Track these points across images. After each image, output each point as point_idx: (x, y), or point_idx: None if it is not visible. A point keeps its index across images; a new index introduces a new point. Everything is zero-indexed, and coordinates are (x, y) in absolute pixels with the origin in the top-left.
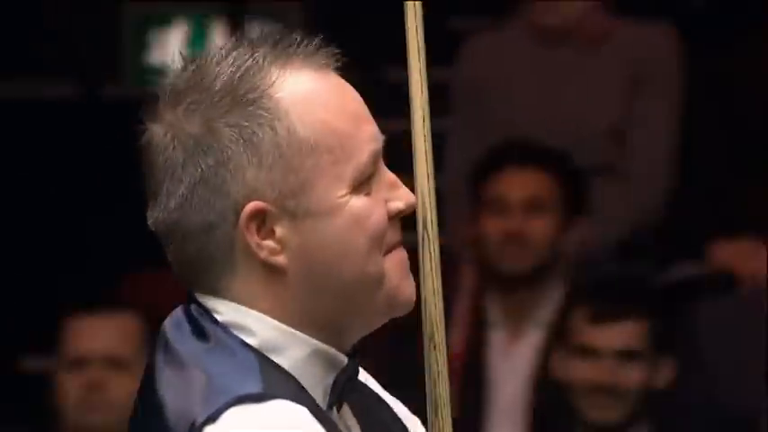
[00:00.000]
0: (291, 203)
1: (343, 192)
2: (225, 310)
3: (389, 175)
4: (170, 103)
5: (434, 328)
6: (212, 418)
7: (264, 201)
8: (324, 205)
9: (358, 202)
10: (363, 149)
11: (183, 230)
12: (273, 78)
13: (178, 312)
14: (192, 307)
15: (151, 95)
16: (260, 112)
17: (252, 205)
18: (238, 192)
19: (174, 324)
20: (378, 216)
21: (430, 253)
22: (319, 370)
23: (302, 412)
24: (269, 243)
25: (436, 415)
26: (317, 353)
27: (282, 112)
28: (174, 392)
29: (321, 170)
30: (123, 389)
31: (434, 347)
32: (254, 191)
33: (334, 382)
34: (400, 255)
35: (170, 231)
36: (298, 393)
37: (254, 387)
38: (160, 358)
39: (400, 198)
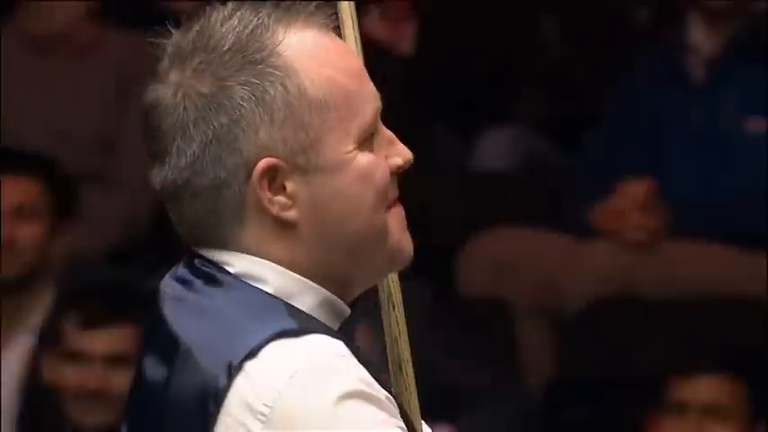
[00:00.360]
0: (302, 159)
1: (350, 147)
2: (236, 262)
3: (387, 133)
4: (176, 65)
5: (392, 289)
6: (253, 354)
7: (276, 157)
8: (332, 161)
9: (364, 158)
10: (367, 107)
11: (193, 189)
12: (280, 37)
13: (179, 270)
14: (197, 262)
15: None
16: (270, 70)
17: (264, 161)
18: (250, 149)
19: (178, 281)
20: (382, 171)
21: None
22: (329, 319)
23: (339, 345)
24: (280, 198)
25: (400, 370)
26: (325, 302)
27: (292, 69)
28: (199, 338)
29: (329, 126)
30: None
31: (393, 308)
32: (266, 147)
33: (338, 330)
34: (400, 210)
35: (179, 190)
36: (327, 330)
37: (289, 324)
38: (173, 313)
39: (399, 154)
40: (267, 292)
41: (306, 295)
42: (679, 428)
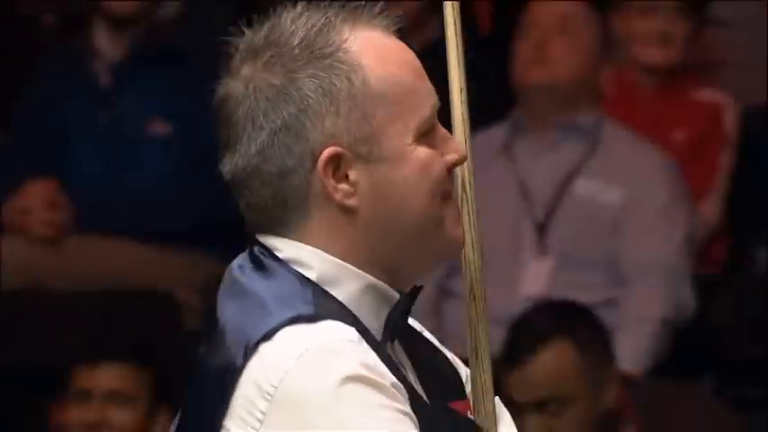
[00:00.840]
0: (364, 149)
1: (410, 140)
2: (284, 247)
3: (443, 130)
4: (248, 59)
5: (474, 281)
6: (267, 337)
7: (340, 146)
8: (393, 152)
9: (422, 151)
10: (425, 103)
11: (261, 175)
12: (346, 35)
13: (242, 255)
14: (255, 248)
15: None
16: (337, 64)
17: (330, 150)
18: (317, 138)
19: (238, 265)
20: (439, 165)
21: (468, 211)
22: (373, 303)
23: (350, 331)
24: (343, 186)
25: (477, 358)
26: (370, 287)
27: (357, 64)
28: (233, 319)
29: (391, 119)
30: None
31: (474, 299)
32: (331, 137)
33: (387, 317)
34: (454, 203)
35: (248, 177)
36: (351, 320)
37: (307, 310)
38: (224, 294)
39: (454, 150)
40: (306, 278)
41: (348, 281)
42: (82, 415)
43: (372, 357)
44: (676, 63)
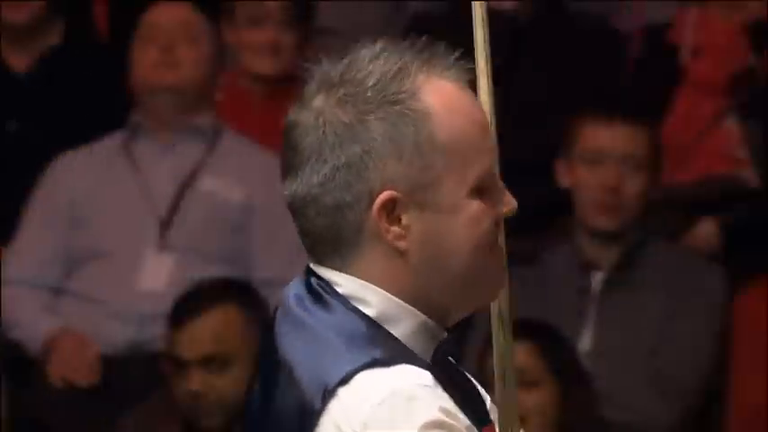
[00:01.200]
0: (420, 196)
1: (465, 193)
2: (344, 283)
3: (499, 182)
4: (321, 92)
5: (501, 306)
6: (345, 381)
7: (397, 190)
8: (448, 202)
9: (475, 206)
10: (486, 158)
11: (319, 206)
12: (419, 83)
13: (297, 284)
14: (312, 280)
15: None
16: (407, 111)
17: (387, 194)
18: (376, 179)
19: (295, 295)
20: (489, 220)
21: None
22: (425, 341)
23: (426, 376)
24: (395, 228)
25: (504, 386)
26: (423, 325)
27: (426, 114)
28: (302, 357)
29: (450, 171)
30: None
31: (502, 323)
32: (390, 180)
33: (434, 353)
34: (500, 253)
35: (306, 205)
36: (419, 362)
37: (381, 353)
38: (283, 326)
39: (507, 204)
40: (368, 317)
41: (405, 319)
42: None
43: (448, 401)
44: (286, 72)
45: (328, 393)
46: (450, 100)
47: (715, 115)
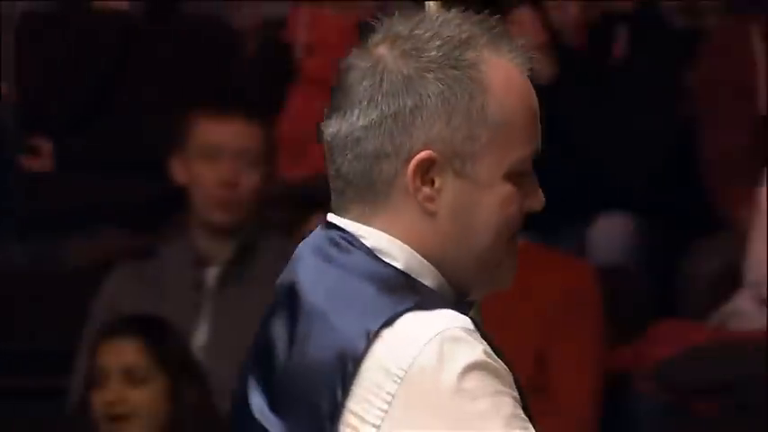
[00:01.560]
0: (458, 164)
1: (501, 173)
2: (370, 236)
3: (534, 177)
4: (387, 41)
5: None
6: (389, 323)
7: (437, 152)
8: (483, 176)
9: (508, 188)
10: (528, 145)
11: (358, 149)
12: (484, 57)
13: (316, 238)
14: (334, 233)
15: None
16: (465, 78)
17: (426, 153)
18: (420, 136)
19: (316, 248)
20: (517, 206)
21: None
22: (449, 299)
23: (467, 320)
24: (426, 189)
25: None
26: (442, 286)
27: (483, 86)
28: (337, 303)
29: (493, 147)
30: None
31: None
32: (433, 141)
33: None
34: (516, 246)
35: (347, 146)
36: (454, 307)
37: (422, 297)
38: (306, 277)
39: (537, 199)
40: (396, 268)
41: (428, 277)
42: None
43: (488, 345)
44: None
45: (373, 335)
46: (510, 80)
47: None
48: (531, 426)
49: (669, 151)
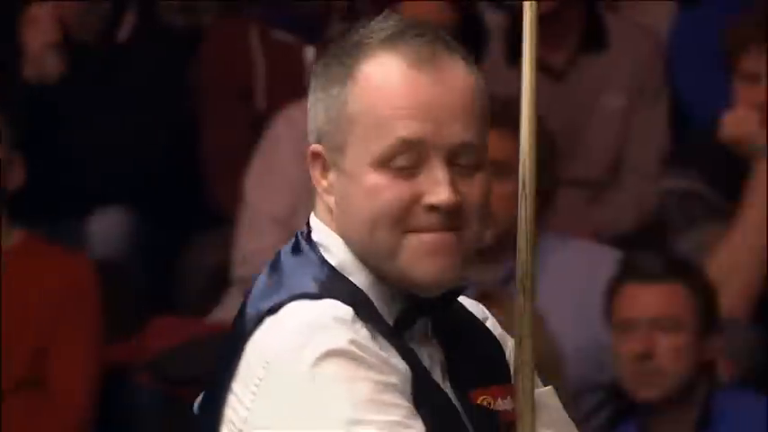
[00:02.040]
0: (335, 157)
1: (366, 164)
2: (316, 230)
3: (439, 174)
4: (335, 42)
5: (525, 275)
6: (273, 310)
7: (324, 146)
8: (350, 169)
9: (374, 178)
10: (392, 136)
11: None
12: (372, 53)
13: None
14: (305, 227)
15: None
16: (342, 75)
17: (313, 146)
18: (313, 131)
19: (290, 241)
20: (389, 196)
21: (525, 209)
22: (385, 294)
23: (346, 310)
24: (324, 182)
25: (519, 346)
26: (374, 282)
27: (353, 82)
28: (258, 292)
29: (354, 138)
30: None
31: (523, 291)
32: (322, 135)
33: (406, 311)
34: (425, 237)
35: None
36: (362, 303)
37: (314, 288)
38: (266, 268)
39: (437, 195)
40: (326, 262)
41: (360, 273)
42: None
43: (364, 336)
44: None
45: (258, 320)
46: (381, 77)
47: None
48: (398, 412)
49: (167, 147)
